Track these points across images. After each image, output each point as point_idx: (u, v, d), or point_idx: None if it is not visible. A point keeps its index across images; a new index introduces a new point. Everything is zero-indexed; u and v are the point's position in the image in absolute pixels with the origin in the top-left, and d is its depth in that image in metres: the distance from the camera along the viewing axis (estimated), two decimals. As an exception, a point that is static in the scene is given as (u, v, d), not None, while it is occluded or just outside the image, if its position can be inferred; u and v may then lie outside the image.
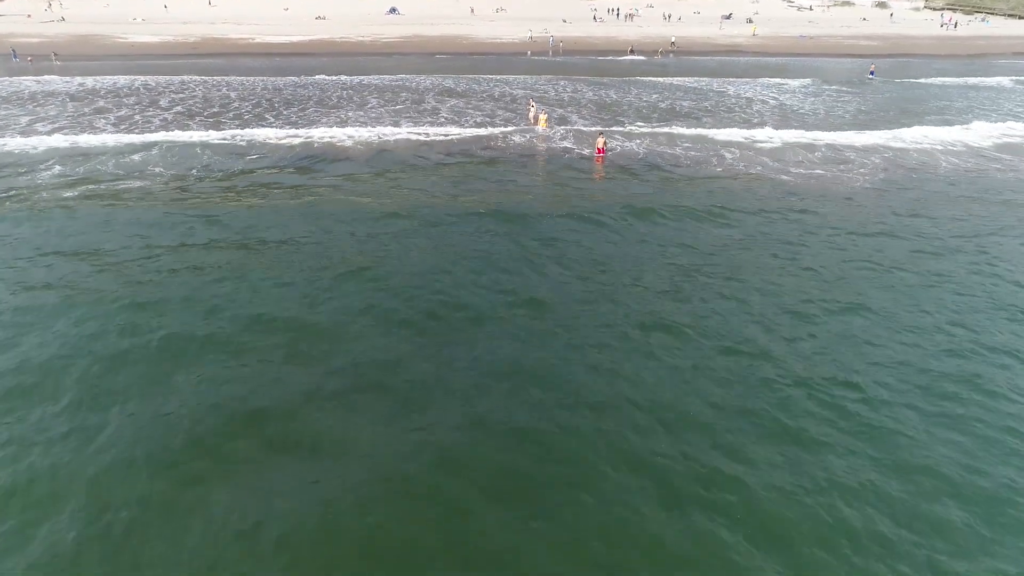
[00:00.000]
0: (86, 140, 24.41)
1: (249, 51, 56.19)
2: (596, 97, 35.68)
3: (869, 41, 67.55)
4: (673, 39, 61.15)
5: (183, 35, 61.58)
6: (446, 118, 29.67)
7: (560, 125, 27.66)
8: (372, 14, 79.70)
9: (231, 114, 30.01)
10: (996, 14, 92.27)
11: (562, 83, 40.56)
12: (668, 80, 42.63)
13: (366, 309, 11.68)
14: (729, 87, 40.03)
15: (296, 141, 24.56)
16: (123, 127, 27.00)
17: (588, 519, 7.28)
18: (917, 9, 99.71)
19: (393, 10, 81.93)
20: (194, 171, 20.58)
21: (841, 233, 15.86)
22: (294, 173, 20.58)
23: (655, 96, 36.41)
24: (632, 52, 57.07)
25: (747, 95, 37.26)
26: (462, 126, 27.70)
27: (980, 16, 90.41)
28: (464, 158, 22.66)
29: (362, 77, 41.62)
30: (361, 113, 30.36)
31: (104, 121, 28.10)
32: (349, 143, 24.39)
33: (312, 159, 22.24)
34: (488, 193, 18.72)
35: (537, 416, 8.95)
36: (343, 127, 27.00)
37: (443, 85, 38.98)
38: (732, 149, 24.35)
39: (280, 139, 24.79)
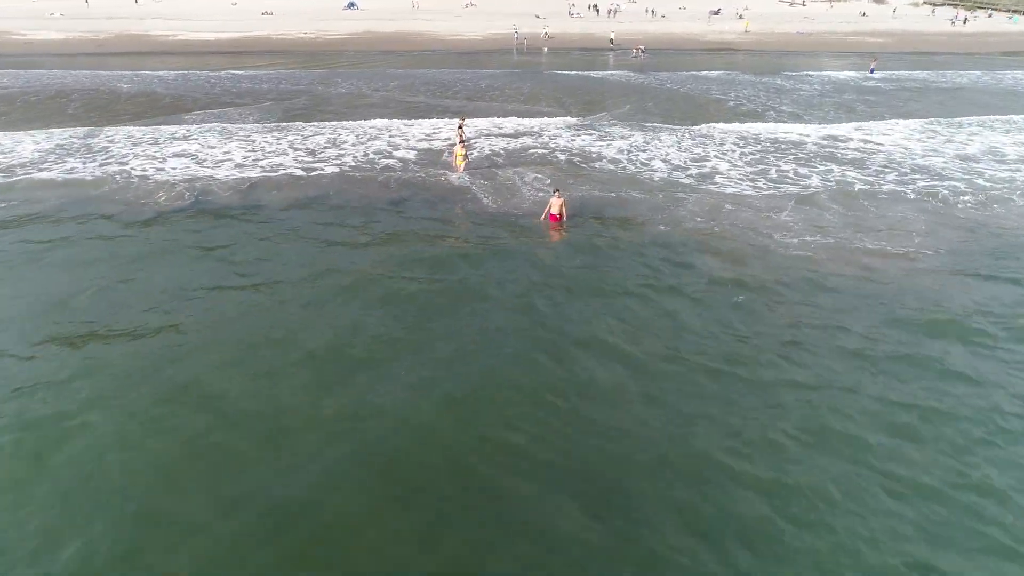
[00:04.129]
0: None
1: (163, 50, 48.28)
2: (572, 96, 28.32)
3: (875, 38, 60.94)
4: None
5: (95, 31, 53.55)
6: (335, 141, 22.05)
7: (488, 162, 19.49)
8: (328, 9, 72.04)
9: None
10: (999, 10, 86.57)
11: (523, 82, 33.20)
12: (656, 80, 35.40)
13: None
14: (731, 91, 32.87)
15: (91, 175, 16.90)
16: None
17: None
18: (916, 4, 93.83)
19: (351, 4, 74.19)
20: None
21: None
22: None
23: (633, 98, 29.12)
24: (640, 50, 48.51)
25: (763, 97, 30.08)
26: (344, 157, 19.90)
27: (986, 11, 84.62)
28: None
29: (259, 81, 33.93)
30: (223, 132, 22.71)
31: None
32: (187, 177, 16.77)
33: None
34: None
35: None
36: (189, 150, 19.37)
37: (360, 89, 31.15)
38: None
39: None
